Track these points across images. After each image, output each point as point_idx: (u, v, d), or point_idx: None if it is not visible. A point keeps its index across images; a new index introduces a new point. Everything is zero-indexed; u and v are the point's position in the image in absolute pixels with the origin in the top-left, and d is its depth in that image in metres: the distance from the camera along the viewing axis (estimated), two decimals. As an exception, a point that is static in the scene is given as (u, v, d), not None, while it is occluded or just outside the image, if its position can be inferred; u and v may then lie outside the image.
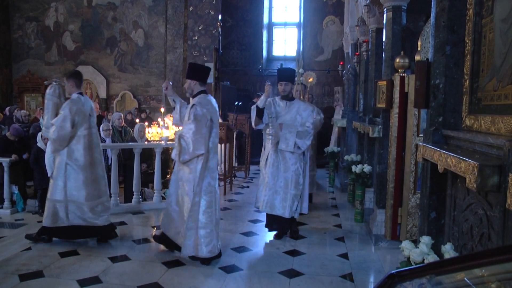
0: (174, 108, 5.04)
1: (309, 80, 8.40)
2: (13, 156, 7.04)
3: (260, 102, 5.50)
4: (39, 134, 7.21)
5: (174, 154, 4.76)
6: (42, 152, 6.75)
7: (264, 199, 5.63)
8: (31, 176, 7.71)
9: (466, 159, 2.18)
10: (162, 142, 7.67)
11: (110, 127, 8.23)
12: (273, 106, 5.68)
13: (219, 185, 8.84)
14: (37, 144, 6.99)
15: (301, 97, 6.25)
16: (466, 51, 2.84)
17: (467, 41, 2.83)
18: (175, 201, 4.85)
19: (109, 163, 7.18)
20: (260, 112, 5.50)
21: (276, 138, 5.60)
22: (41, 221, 6.43)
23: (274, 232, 5.76)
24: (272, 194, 5.59)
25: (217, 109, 4.96)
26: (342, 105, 11.49)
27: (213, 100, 4.89)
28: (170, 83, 5.05)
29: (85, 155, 5.18)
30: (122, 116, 9.26)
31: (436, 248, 2.77)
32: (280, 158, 5.60)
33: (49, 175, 5.98)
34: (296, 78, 6.14)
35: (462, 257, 1.65)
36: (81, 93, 5.36)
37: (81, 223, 5.20)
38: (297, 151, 5.56)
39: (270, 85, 5.58)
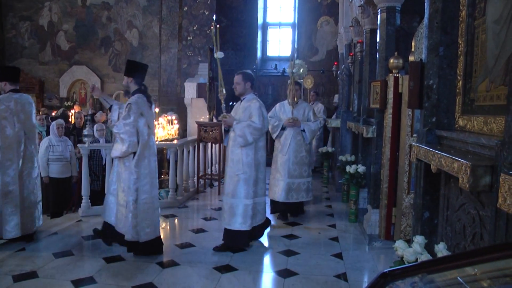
0: (109, 108, 5.06)
1: (308, 82, 8.59)
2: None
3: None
4: None
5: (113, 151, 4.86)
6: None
7: None
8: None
9: (459, 159, 2.20)
10: (156, 142, 7.66)
11: (104, 127, 8.21)
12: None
13: (213, 185, 8.92)
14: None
15: (295, 97, 6.71)
16: (459, 52, 2.86)
17: (460, 42, 2.85)
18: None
19: (103, 163, 7.17)
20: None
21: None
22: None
23: (267, 232, 5.81)
24: None
25: (153, 111, 5.18)
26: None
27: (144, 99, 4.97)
28: (96, 85, 5.11)
29: None
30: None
31: (429, 247, 2.79)
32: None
33: (42, 175, 5.99)
34: (289, 80, 6.69)
35: (453, 256, 1.67)
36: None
37: None
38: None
39: None
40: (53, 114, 12.10)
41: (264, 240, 5.66)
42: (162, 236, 5.62)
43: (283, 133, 6.65)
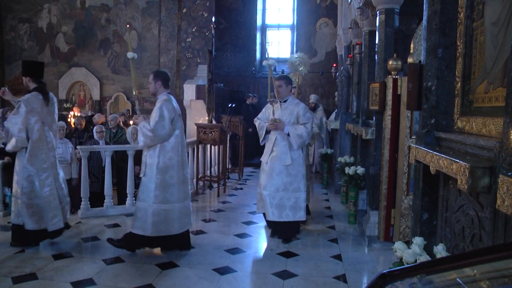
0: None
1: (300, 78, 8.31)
2: (6, 158, 7.02)
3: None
4: None
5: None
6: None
7: None
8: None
9: (458, 160, 2.21)
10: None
11: (104, 129, 8.21)
12: None
13: (212, 187, 8.92)
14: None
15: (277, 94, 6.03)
16: (458, 54, 2.87)
17: (458, 44, 2.86)
18: None
19: (103, 165, 7.18)
20: None
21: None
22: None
23: (266, 233, 5.80)
24: None
25: (52, 108, 5.35)
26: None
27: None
28: (5, 88, 5.26)
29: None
30: (118, 118, 9.26)
31: (428, 249, 2.79)
32: None
33: None
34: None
35: (452, 257, 1.67)
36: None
37: None
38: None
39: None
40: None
41: (263, 241, 5.66)
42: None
43: (268, 137, 5.87)
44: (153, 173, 4.90)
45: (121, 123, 9.38)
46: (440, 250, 2.59)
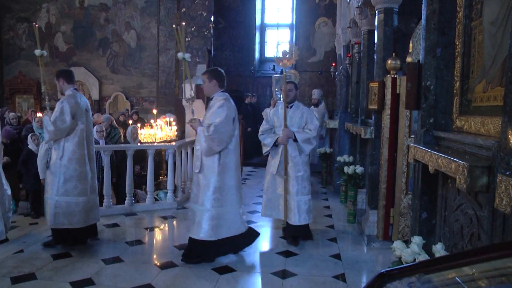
0: None
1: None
2: (5, 159, 7.01)
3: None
4: (29, 136, 7.19)
5: None
6: (33, 155, 6.73)
7: None
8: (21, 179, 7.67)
9: (456, 160, 2.21)
10: (154, 143, 7.69)
11: (103, 129, 8.21)
12: None
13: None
14: (28, 146, 6.96)
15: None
16: (456, 53, 2.88)
17: (457, 43, 2.86)
18: None
19: (103, 164, 7.18)
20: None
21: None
22: (34, 224, 6.44)
23: (264, 234, 5.81)
24: None
25: None
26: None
27: None
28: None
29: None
30: (111, 118, 9.26)
31: (427, 248, 2.80)
32: None
33: (41, 177, 5.97)
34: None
35: (450, 256, 1.68)
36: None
37: None
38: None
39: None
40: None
41: (263, 241, 5.66)
42: (160, 237, 5.62)
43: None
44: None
45: (115, 123, 9.35)
46: (438, 249, 2.60)
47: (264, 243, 5.61)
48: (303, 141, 5.47)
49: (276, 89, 6.61)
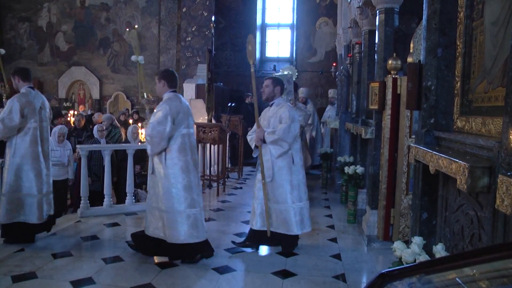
0: None
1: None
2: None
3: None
4: None
5: None
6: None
7: None
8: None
9: (457, 160, 2.21)
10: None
11: (104, 128, 8.21)
12: None
13: (211, 186, 8.92)
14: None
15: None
16: (457, 54, 2.87)
17: (458, 43, 2.86)
18: None
19: (103, 164, 7.18)
20: None
21: None
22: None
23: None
24: None
25: None
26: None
27: None
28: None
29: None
30: (113, 117, 9.28)
31: (427, 248, 2.79)
32: None
33: None
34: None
35: (451, 257, 1.67)
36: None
37: None
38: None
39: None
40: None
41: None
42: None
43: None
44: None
45: (116, 122, 9.37)
46: (439, 250, 2.59)
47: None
48: (270, 143, 5.04)
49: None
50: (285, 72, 6.49)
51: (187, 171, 4.70)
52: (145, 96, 5.07)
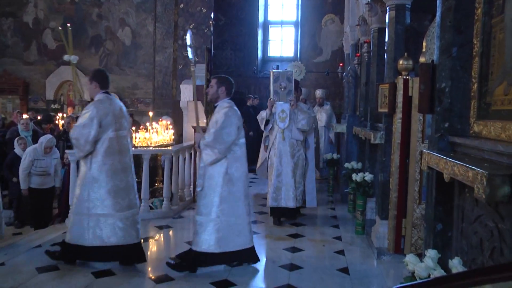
0: None
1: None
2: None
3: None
4: (16, 139, 7.17)
5: None
6: (18, 159, 6.71)
7: None
8: (7, 185, 7.64)
9: (474, 167, 2.18)
10: (150, 147, 7.66)
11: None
12: None
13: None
14: (14, 150, 6.94)
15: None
16: (474, 53, 2.85)
17: (475, 42, 2.84)
18: None
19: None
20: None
21: None
22: (17, 234, 6.40)
23: (268, 245, 5.77)
24: None
25: None
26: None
27: None
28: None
29: None
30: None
31: (443, 262, 2.77)
32: None
33: (22, 188, 5.95)
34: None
35: (469, 272, 1.65)
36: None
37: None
38: None
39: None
40: (38, 118, 12.07)
41: (265, 251, 5.63)
42: (155, 249, 5.59)
43: None
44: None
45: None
46: (456, 264, 2.57)
47: (266, 255, 5.57)
48: (202, 148, 4.88)
49: (275, 88, 6.54)
50: (288, 69, 6.48)
51: (113, 174, 4.86)
52: (80, 97, 5.16)
